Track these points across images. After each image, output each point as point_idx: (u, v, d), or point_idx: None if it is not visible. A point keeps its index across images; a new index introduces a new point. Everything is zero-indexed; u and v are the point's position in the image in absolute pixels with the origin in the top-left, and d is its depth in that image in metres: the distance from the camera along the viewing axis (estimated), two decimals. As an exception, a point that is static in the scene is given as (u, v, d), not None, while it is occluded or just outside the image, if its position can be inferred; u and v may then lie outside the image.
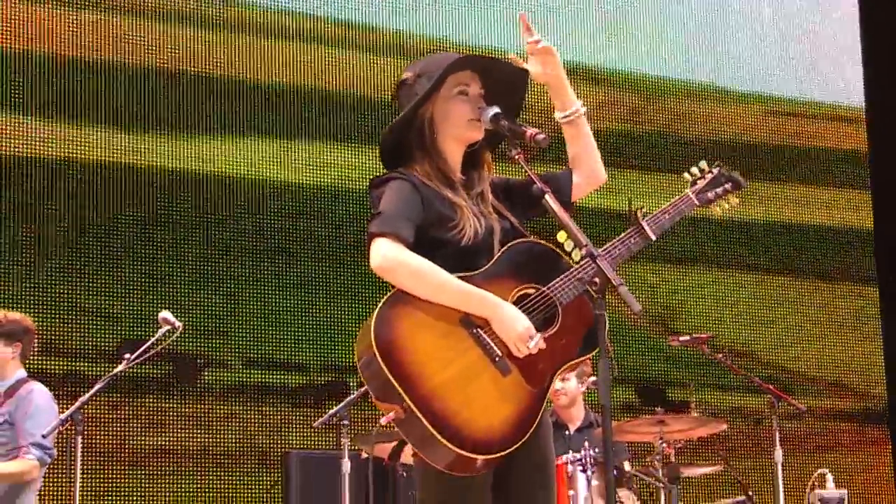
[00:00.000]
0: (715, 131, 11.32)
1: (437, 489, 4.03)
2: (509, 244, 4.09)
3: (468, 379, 3.90)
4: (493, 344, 3.94)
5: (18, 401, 6.89)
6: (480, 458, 3.84)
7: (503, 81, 4.28)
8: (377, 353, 3.83)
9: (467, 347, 3.93)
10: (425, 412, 3.82)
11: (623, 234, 4.19)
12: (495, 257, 4.06)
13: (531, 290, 4.05)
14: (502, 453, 3.86)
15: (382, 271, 3.95)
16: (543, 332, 3.98)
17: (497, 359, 3.93)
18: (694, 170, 4.48)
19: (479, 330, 3.95)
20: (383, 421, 7.23)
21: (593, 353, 4.02)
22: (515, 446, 3.88)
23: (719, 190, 4.45)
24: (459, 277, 3.97)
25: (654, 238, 4.21)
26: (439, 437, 3.80)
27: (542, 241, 4.11)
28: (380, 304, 3.92)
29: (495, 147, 4.29)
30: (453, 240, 4.06)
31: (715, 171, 4.48)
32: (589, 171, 4.37)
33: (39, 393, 6.95)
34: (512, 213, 4.21)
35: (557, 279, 4.04)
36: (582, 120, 4.35)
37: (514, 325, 3.92)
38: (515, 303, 4.00)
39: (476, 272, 4.02)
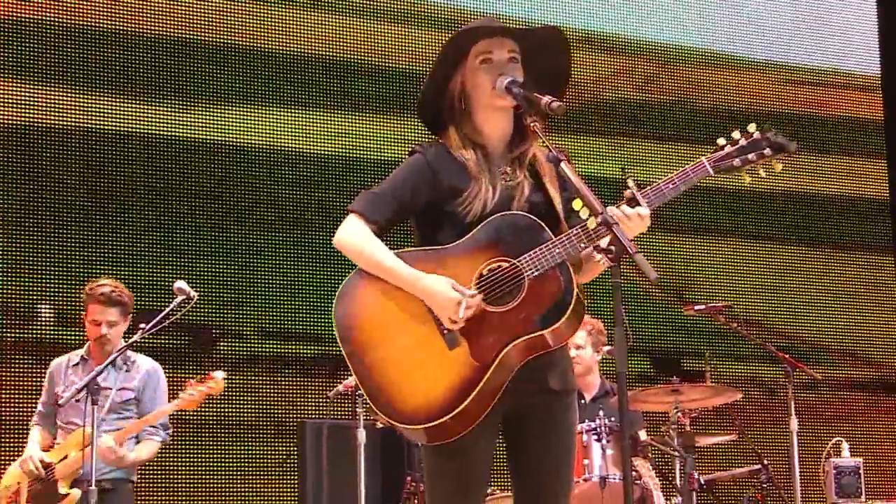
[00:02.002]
0: (730, 100, 11.26)
1: (427, 456, 4.13)
2: (496, 215, 4.05)
3: (414, 351, 3.96)
4: None
5: (147, 379, 6.99)
6: (406, 428, 3.93)
7: (538, 44, 4.20)
8: (334, 322, 4.00)
9: (421, 321, 3.98)
10: (365, 382, 3.97)
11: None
12: (477, 228, 4.04)
13: (505, 263, 4.01)
14: (431, 424, 3.89)
15: (337, 246, 4.15)
16: (503, 305, 3.96)
17: (446, 332, 3.95)
18: (735, 133, 4.09)
19: None
20: (340, 388, 7.36)
21: (550, 329, 3.93)
22: (447, 417, 3.88)
23: (752, 155, 4.04)
24: (431, 250, 4.05)
25: (647, 210, 3.96)
26: (373, 405, 3.95)
27: (530, 215, 4.05)
28: (350, 274, 4.08)
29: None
30: (459, 213, 4.07)
31: (756, 134, 4.07)
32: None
33: (161, 372, 7.07)
34: (562, 193, 4.14)
35: (530, 252, 3.98)
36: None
37: (437, 297, 3.94)
38: (485, 275, 3.99)
39: (452, 244, 4.04)
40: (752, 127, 4.12)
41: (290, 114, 9.72)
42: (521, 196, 4.11)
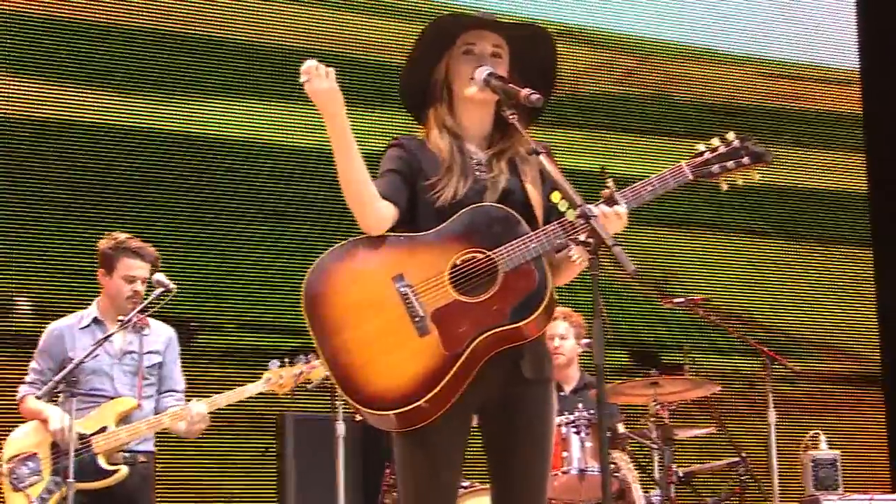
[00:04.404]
0: (709, 93, 11.28)
1: (396, 447, 4.11)
2: (471, 206, 4.05)
3: (383, 335, 3.95)
4: (416, 304, 3.95)
5: (170, 343, 6.81)
6: (368, 411, 3.91)
7: (526, 44, 4.22)
8: (303, 301, 4.03)
9: (391, 305, 3.96)
10: (332, 363, 3.95)
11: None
12: (451, 218, 4.04)
13: (479, 255, 4.01)
14: (395, 411, 3.88)
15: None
16: (476, 296, 3.95)
17: (417, 319, 3.94)
18: (714, 140, 4.13)
19: (407, 289, 3.97)
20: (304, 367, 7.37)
21: (522, 322, 3.93)
22: (411, 406, 3.86)
23: (730, 163, 4.08)
24: (404, 237, 4.04)
25: (624, 208, 3.99)
26: (339, 388, 3.94)
27: (505, 207, 4.05)
28: (330, 249, 4.06)
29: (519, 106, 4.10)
30: (429, 201, 4.08)
31: (736, 142, 4.11)
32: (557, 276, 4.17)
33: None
34: (542, 194, 4.15)
35: (505, 245, 3.98)
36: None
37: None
38: (460, 265, 3.99)
39: (425, 232, 4.04)
40: (730, 135, 4.15)
41: (269, 106, 9.70)
42: (496, 190, 4.11)
